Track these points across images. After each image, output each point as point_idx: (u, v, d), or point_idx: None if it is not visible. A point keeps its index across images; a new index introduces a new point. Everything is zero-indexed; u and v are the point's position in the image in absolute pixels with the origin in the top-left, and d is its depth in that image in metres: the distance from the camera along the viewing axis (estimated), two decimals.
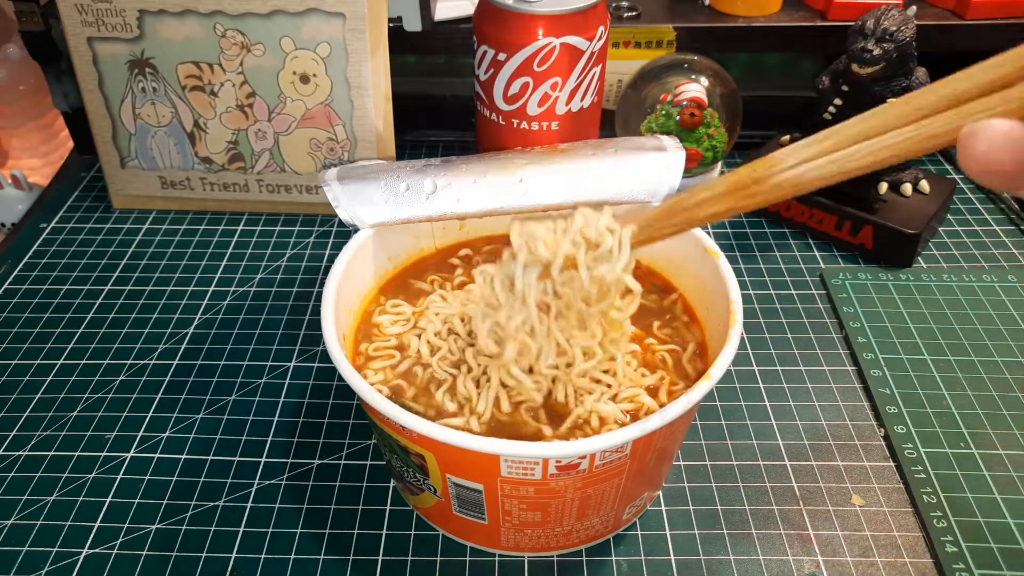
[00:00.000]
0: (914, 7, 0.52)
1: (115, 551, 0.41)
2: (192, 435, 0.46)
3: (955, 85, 0.24)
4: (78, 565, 0.40)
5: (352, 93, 0.58)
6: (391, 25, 0.58)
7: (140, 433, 0.47)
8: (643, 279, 0.45)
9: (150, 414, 0.48)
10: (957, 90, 0.24)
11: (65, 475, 0.44)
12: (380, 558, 0.40)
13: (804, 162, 0.28)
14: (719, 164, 0.63)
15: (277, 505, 0.43)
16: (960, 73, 0.24)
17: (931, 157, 0.69)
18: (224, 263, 0.60)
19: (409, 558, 0.40)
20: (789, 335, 0.53)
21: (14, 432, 0.47)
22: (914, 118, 0.25)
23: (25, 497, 0.43)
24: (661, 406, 0.35)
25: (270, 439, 0.46)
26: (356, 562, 0.40)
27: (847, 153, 0.27)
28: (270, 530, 0.41)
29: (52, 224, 0.64)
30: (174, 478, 0.44)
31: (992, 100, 0.23)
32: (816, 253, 0.60)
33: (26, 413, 0.48)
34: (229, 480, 0.44)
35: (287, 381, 0.50)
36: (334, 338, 0.36)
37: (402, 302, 0.44)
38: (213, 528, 0.41)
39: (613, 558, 0.40)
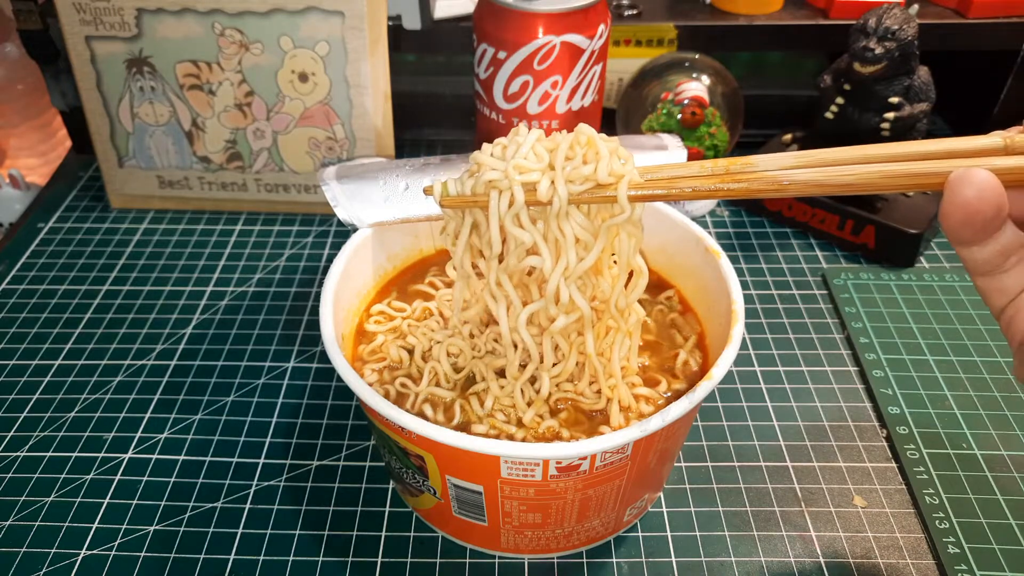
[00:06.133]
0: (916, 6, 0.52)
1: (113, 552, 0.40)
2: (190, 436, 0.46)
3: (944, 145, 0.27)
4: (76, 566, 0.40)
5: (351, 92, 0.58)
6: (390, 23, 0.58)
7: (138, 434, 0.46)
8: None
9: (148, 415, 0.48)
10: (944, 148, 0.26)
11: (63, 476, 0.44)
12: (379, 560, 0.40)
13: (783, 168, 0.29)
14: None
15: (276, 506, 0.42)
16: (948, 139, 0.27)
17: None
18: (222, 263, 0.59)
19: (408, 560, 0.40)
20: (791, 335, 0.53)
21: (12, 433, 0.47)
22: (899, 159, 0.27)
23: (23, 498, 0.43)
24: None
25: (268, 440, 0.46)
26: (355, 564, 0.40)
27: (831, 169, 0.28)
28: (269, 531, 0.41)
29: (50, 224, 0.64)
30: (172, 479, 0.44)
31: (976, 161, 0.25)
32: (818, 253, 0.59)
33: (24, 414, 0.48)
34: (227, 481, 0.44)
35: (285, 382, 0.50)
36: (333, 339, 0.36)
37: (390, 308, 0.44)
38: (211, 529, 0.41)
39: (614, 560, 0.40)
